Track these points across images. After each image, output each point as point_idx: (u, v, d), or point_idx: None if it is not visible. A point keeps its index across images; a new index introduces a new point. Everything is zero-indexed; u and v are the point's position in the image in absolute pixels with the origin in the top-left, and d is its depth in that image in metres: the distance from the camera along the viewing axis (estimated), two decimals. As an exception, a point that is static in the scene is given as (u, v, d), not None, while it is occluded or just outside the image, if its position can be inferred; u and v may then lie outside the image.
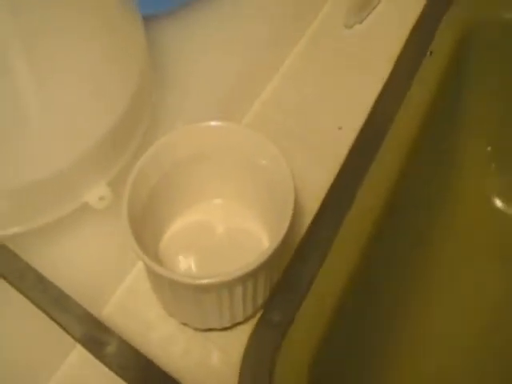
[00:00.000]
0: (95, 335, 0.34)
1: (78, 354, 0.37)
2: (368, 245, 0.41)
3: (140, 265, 0.40)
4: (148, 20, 0.43)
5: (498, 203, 0.56)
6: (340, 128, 0.45)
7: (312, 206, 0.41)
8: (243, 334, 0.36)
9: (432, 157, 0.51)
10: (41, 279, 0.36)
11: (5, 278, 0.35)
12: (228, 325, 0.36)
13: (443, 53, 0.49)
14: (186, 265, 0.38)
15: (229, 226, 0.39)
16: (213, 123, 0.37)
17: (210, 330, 0.37)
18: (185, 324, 0.37)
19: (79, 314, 0.34)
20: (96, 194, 0.38)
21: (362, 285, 0.40)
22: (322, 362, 0.35)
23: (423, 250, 0.52)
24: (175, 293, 0.34)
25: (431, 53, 0.48)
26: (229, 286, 0.32)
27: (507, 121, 0.56)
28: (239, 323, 0.36)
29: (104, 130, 0.38)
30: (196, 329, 0.37)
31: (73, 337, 0.34)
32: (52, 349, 0.38)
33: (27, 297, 0.35)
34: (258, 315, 0.36)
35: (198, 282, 0.32)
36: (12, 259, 0.36)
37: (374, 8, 0.52)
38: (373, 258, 0.42)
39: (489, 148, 0.56)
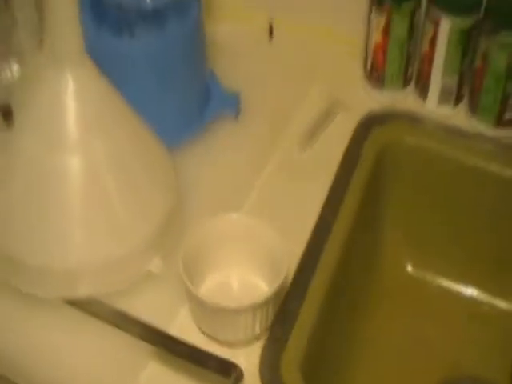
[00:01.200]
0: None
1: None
2: (325, 302, 0.62)
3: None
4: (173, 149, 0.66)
5: (409, 268, 0.79)
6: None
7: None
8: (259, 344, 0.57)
9: (362, 244, 0.74)
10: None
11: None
12: (248, 338, 0.57)
13: (367, 164, 0.73)
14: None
15: (242, 282, 0.60)
16: (233, 215, 0.59)
17: (234, 344, 0.57)
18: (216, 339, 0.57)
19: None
20: (155, 264, 0.59)
21: (327, 320, 0.62)
22: (309, 361, 0.56)
23: (360, 306, 0.74)
24: (212, 315, 0.54)
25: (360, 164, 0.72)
26: (252, 308, 0.53)
27: (415, 215, 0.79)
28: (255, 339, 0.57)
29: (154, 226, 0.59)
30: (224, 342, 0.57)
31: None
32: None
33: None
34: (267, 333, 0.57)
35: (233, 306, 0.53)
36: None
37: (319, 136, 0.76)
38: (330, 307, 0.64)
39: (401, 234, 0.80)
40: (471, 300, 0.79)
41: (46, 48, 0.57)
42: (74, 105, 0.56)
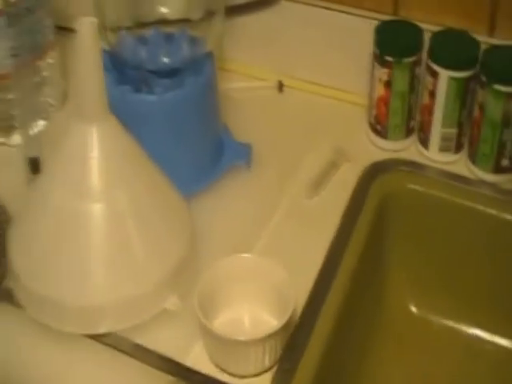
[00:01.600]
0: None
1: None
2: (331, 337, 0.66)
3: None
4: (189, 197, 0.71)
5: (413, 308, 0.83)
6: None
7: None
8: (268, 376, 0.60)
9: (367, 285, 0.78)
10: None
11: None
12: (260, 371, 0.60)
13: (371, 210, 0.77)
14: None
15: (253, 318, 0.64)
16: (244, 255, 0.63)
17: (245, 376, 0.61)
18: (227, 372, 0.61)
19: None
20: (171, 302, 0.63)
21: (332, 353, 0.65)
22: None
23: (366, 344, 0.77)
24: (224, 347, 0.58)
25: (364, 210, 0.76)
26: (262, 341, 0.57)
27: (418, 258, 0.83)
28: (265, 371, 0.61)
29: (170, 268, 0.64)
30: (232, 374, 0.61)
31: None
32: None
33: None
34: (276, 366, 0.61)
35: (244, 339, 0.57)
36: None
37: (325, 185, 0.80)
38: (335, 342, 0.67)
39: (404, 276, 0.83)
40: (473, 338, 0.83)
41: (73, 105, 0.63)
42: (98, 157, 0.62)
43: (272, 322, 0.63)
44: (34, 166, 0.76)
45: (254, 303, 0.64)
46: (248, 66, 0.94)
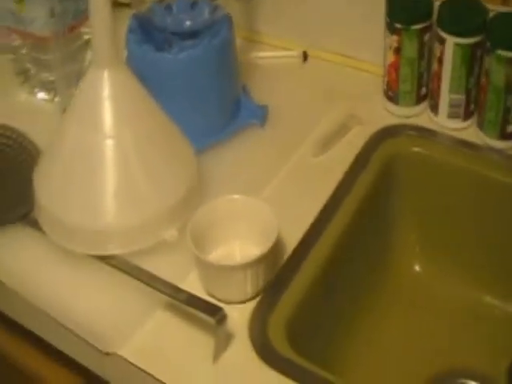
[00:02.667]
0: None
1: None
2: (320, 278, 0.70)
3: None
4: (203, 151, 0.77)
5: (417, 268, 0.86)
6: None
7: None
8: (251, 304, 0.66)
9: (372, 234, 0.81)
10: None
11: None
12: (244, 299, 0.66)
13: (375, 169, 0.81)
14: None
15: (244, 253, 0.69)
16: (235, 196, 0.69)
17: (231, 302, 0.66)
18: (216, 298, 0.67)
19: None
20: (170, 234, 0.69)
21: (319, 295, 0.70)
22: (295, 325, 0.64)
23: (362, 296, 0.81)
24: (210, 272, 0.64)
25: (367, 168, 0.81)
26: (244, 267, 0.63)
27: (425, 217, 0.86)
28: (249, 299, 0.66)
29: (172, 201, 0.70)
30: (221, 301, 0.66)
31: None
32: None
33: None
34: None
35: (227, 263, 0.63)
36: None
37: (333, 145, 0.85)
38: (324, 284, 0.72)
39: (410, 235, 0.87)
40: (477, 301, 0.85)
41: (94, 53, 0.70)
42: (108, 97, 0.69)
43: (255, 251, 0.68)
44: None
45: (245, 240, 0.70)
46: (275, 38, 1.00)
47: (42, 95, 0.96)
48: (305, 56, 0.97)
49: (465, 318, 0.85)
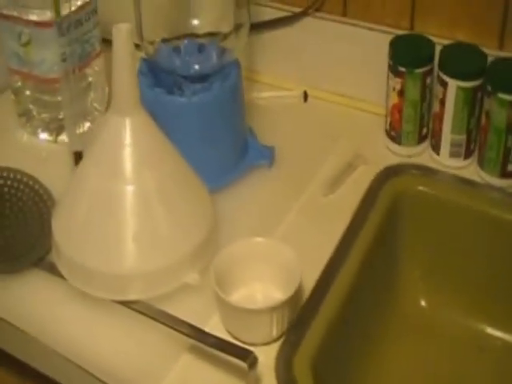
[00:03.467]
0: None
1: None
2: (337, 318, 0.72)
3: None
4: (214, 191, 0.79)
5: (423, 303, 0.88)
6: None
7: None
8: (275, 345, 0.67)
9: (377, 275, 0.83)
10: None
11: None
12: (269, 340, 0.67)
13: (382, 208, 0.83)
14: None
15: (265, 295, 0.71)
16: (257, 238, 0.70)
17: (254, 344, 0.67)
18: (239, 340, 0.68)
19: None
20: (192, 277, 0.70)
21: (337, 333, 0.71)
22: (320, 362, 0.66)
23: (372, 331, 0.83)
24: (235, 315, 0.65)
25: (376, 208, 0.83)
26: (270, 311, 0.64)
27: (428, 255, 0.89)
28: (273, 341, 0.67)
29: (192, 245, 0.71)
30: (245, 343, 0.67)
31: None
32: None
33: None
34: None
35: (253, 307, 0.64)
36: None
37: (340, 184, 0.87)
38: (341, 323, 0.73)
39: (415, 271, 0.89)
40: (481, 334, 0.87)
41: (115, 101, 0.71)
42: (130, 145, 0.70)
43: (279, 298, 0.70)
44: (78, 159, 0.84)
45: (267, 282, 0.71)
46: (276, 78, 1.02)
47: (44, 136, 0.96)
48: (305, 96, 1.00)
49: (468, 349, 0.87)
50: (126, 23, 0.71)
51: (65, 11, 0.86)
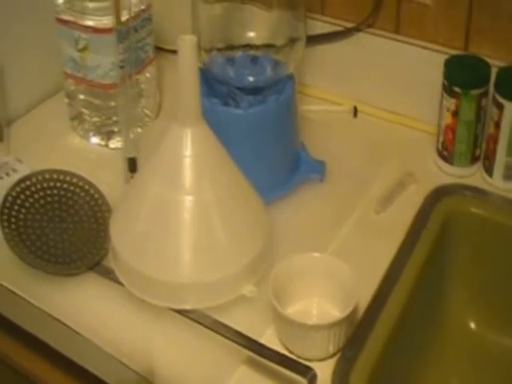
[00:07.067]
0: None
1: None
2: (390, 337, 0.72)
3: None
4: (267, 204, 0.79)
5: (472, 325, 0.88)
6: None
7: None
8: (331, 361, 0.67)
9: (427, 296, 0.83)
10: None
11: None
12: (325, 356, 0.67)
13: (434, 228, 0.83)
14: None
15: (320, 310, 0.70)
16: (315, 254, 0.70)
17: (310, 360, 0.67)
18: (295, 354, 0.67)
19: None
20: (248, 289, 0.70)
21: (390, 353, 0.71)
22: (376, 378, 0.66)
23: (423, 352, 0.82)
24: (293, 330, 0.65)
25: (427, 228, 0.82)
26: (328, 328, 0.64)
27: (478, 276, 0.88)
28: (329, 357, 0.67)
29: (250, 257, 0.71)
30: (300, 357, 0.67)
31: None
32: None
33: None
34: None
35: (311, 323, 0.64)
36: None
37: (392, 202, 0.87)
38: (393, 343, 0.73)
39: (465, 294, 0.88)
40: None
41: (178, 111, 0.71)
42: (190, 156, 0.70)
43: (337, 315, 0.69)
44: (132, 164, 0.85)
45: (322, 298, 0.71)
46: (325, 92, 1.02)
47: (95, 140, 0.97)
48: (355, 111, 1.00)
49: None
50: (190, 35, 0.71)
51: (124, 18, 0.87)
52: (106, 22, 0.90)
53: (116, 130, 0.95)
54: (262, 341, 0.68)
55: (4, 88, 0.97)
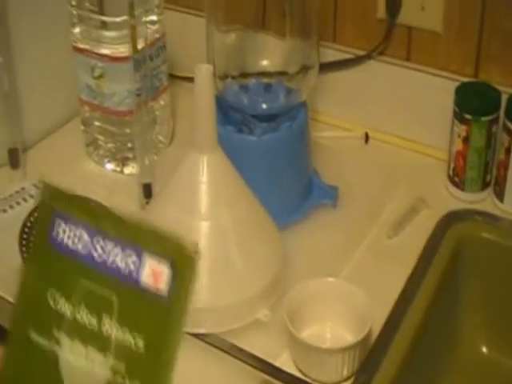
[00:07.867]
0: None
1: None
2: (403, 363, 0.72)
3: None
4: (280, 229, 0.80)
5: (485, 350, 0.88)
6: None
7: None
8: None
9: (440, 321, 0.84)
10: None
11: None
12: (339, 380, 0.67)
13: (446, 253, 0.84)
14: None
15: (334, 334, 0.71)
16: (329, 279, 0.71)
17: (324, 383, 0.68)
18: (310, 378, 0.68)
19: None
20: (263, 313, 0.71)
21: (404, 377, 0.72)
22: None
23: (436, 375, 0.83)
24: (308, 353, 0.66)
25: (439, 253, 0.83)
26: (342, 351, 0.64)
27: (490, 300, 0.89)
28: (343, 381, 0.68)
29: (265, 282, 0.72)
30: (314, 380, 0.68)
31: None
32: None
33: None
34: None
35: (326, 347, 0.64)
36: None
37: (404, 227, 0.88)
38: (407, 368, 0.74)
39: (477, 318, 0.89)
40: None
41: (195, 138, 0.72)
42: (207, 182, 0.71)
43: (351, 339, 0.70)
44: (147, 190, 0.86)
45: (336, 322, 0.72)
46: (337, 118, 1.03)
47: (110, 166, 0.98)
48: (366, 137, 1.01)
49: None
50: (206, 64, 0.73)
51: (140, 46, 0.88)
52: (122, 50, 0.91)
53: (131, 156, 0.96)
54: (277, 364, 0.69)
55: (21, 114, 0.99)
